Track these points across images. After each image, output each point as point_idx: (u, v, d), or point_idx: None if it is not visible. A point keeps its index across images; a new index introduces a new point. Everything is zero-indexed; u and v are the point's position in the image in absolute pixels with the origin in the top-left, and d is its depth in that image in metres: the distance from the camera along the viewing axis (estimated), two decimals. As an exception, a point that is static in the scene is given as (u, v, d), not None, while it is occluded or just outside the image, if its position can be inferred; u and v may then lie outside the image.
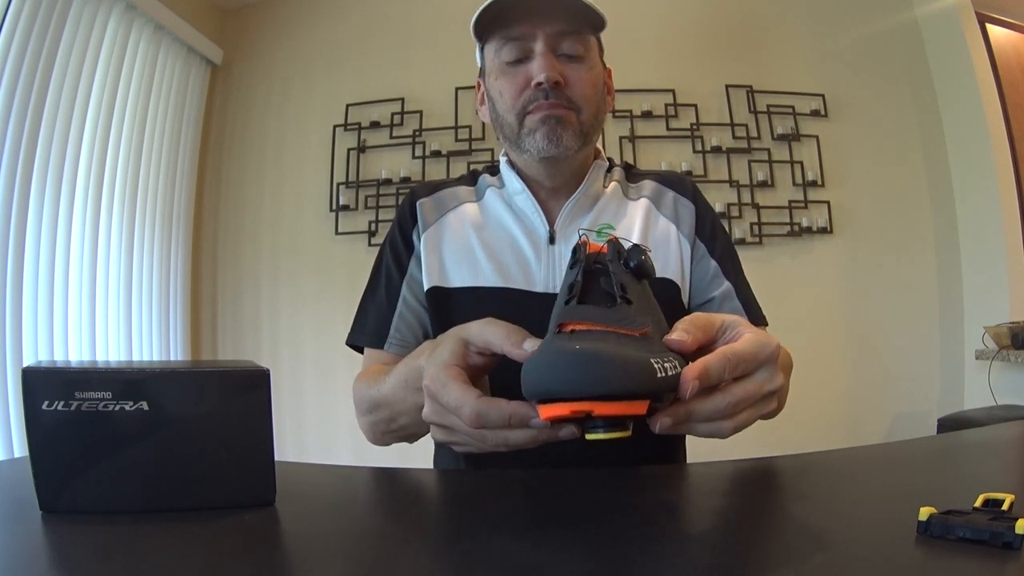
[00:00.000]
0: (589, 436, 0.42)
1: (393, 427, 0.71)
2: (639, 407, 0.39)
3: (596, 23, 0.79)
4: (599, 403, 0.38)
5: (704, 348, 0.47)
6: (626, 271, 0.49)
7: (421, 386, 0.58)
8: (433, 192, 0.89)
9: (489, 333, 0.50)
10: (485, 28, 0.80)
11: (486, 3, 0.76)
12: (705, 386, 0.43)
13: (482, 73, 0.86)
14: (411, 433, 0.73)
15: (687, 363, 0.44)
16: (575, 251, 0.51)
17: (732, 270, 0.86)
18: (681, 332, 0.46)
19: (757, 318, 0.86)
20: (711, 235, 0.87)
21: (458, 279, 0.82)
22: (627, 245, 0.52)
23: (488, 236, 0.84)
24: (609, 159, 0.92)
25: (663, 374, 0.40)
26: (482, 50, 0.84)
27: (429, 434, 0.62)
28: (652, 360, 0.40)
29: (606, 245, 0.51)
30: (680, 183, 0.90)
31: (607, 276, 0.48)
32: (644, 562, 0.39)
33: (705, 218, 0.87)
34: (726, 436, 0.46)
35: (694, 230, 0.86)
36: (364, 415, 0.76)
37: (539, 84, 0.76)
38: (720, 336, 0.48)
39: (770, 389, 0.47)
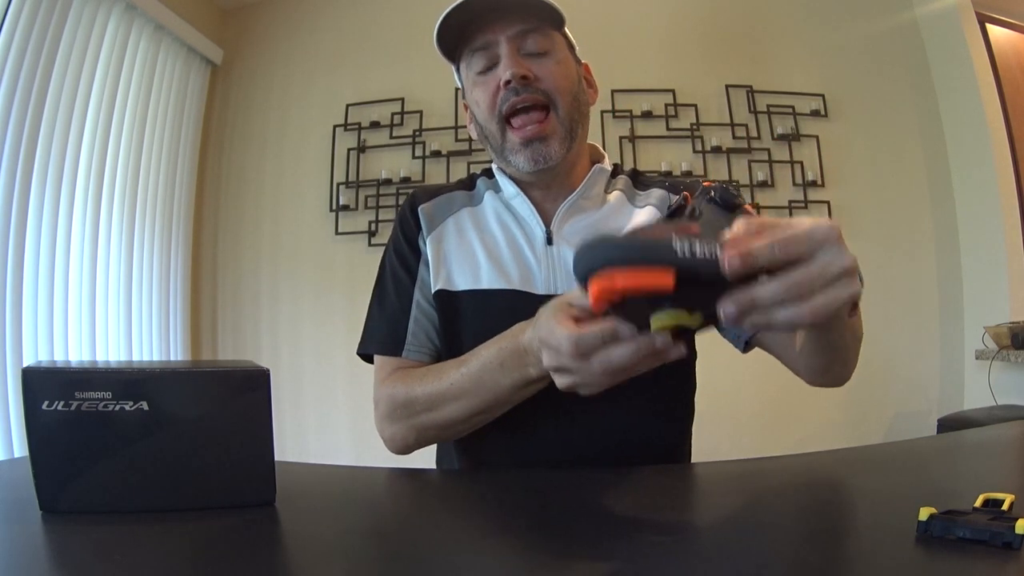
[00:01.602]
0: (653, 324, 0.44)
1: (470, 413, 0.72)
2: (663, 277, 0.40)
3: (555, 18, 0.80)
4: (620, 272, 0.41)
5: None
6: (710, 203, 0.51)
7: (523, 362, 0.64)
8: (432, 197, 0.89)
9: (583, 298, 0.53)
10: (451, 47, 0.82)
11: (441, 18, 0.78)
12: (748, 264, 0.40)
13: (464, 92, 0.87)
14: (486, 418, 0.73)
15: None
16: (668, 207, 0.55)
17: None
18: (736, 226, 0.43)
19: None
20: None
21: (462, 282, 0.82)
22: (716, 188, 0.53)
23: (488, 239, 0.84)
24: (616, 165, 0.92)
25: (685, 250, 0.40)
26: (458, 70, 0.86)
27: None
28: (674, 238, 0.41)
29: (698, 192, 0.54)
30: (689, 191, 0.89)
31: (682, 214, 0.52)
32: (645, 562, 0.39)
33: None
34: (807, 324, 0.43)
35: None
36: (408, 418, 0.76)
37: (507, 83, 0.77)
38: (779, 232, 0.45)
39: (841, 267, 0.43)
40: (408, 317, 0.83)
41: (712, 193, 0.52)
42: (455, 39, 0.81)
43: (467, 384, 0.70)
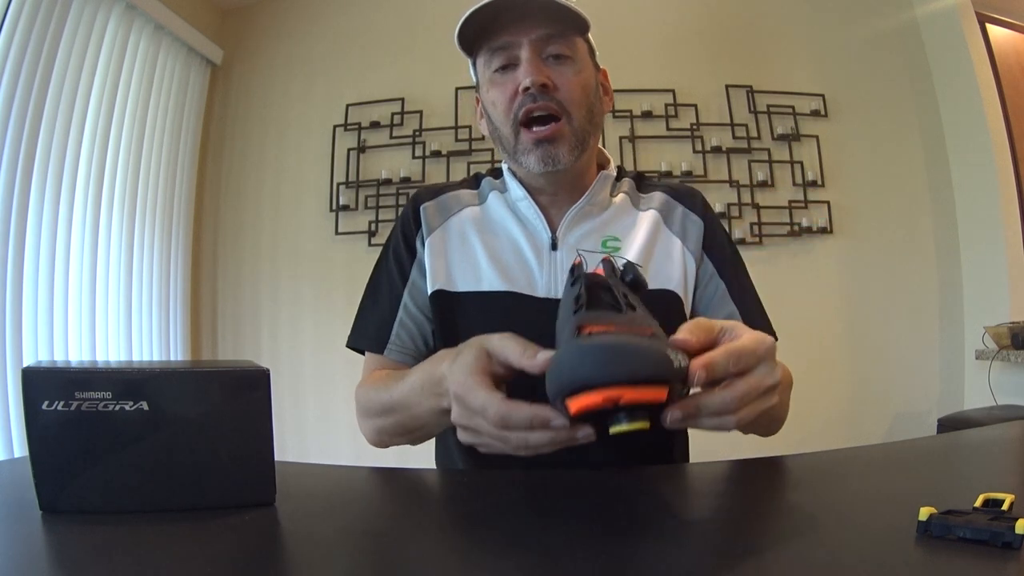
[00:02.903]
0: (613, 429, 0.44)
1: (404, 429, 0.72)
2: (661, 392, 0.42)
3: (580, 25, 0.79)
4: (627, 388, 0.41)
5: (706, 349, 0.49)
6: (624, 284, 0.53)
7: (438, 391, 0.61)
8: (436, 196, 0.89)
9: (508, 348, 0.53)
10: (472, 42, 0.81)
11: (466, 16, 0.77)
12: (712, 377, 0.46)
13: (477, 87, 0.87)
14: (420, 436, 0.74)
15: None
16: (572, 270, 0.56)
17: (739, 288, 0.86)
18: (686, 333, 0.49)
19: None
20: (720, 253, 0.87)
21: (462, 283, 0.82)
22: (620, 263, 0.57)
23: (491, 240, 0.84)
24: (620, 168, 0.92)
25: (677, 364, 0.44)
26: (474, 64, 0.85)
27: (433, 438, 0.61)
28: (667, 350, 0.43)
29: (600, 266, 0.56)
30: (691, 197, 0.90)
31: (607, 290, 0.52)
32: (645, 562, 0.39)
33: (715, 234, 0.87)
34: (730, 429, 0.49)
35: (701, 245, 0.86)
36: (371, 419, 0.77)
37: (526, 89, 0.77)
38: (721, 337, 0.51)
39: (770, 383, 0.49)
40: (394, 318, 0.84)
41: (626, 276, 0.55)
42: (476, 34, 0.80)
43: (400, 400, 0.70)
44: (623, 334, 0.44)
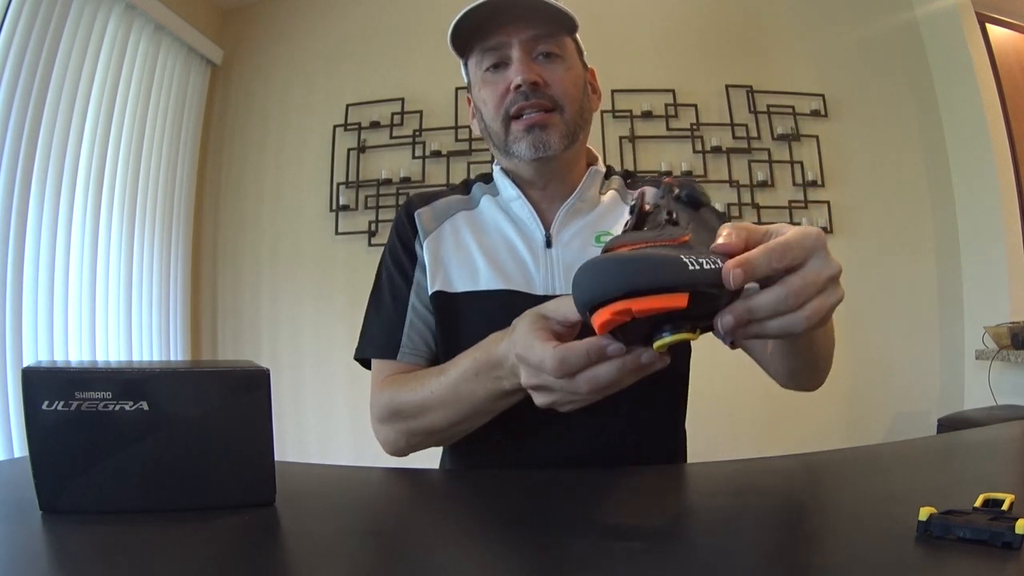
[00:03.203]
0: (656, 344, 0.43)
1: (444, 424, 0.72)
2: (678, 299, 0.40)
3: (569, 25, 0.81)
4: (636, 299, 0.40)
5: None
6: (677, 203, 0.51)
7: (497, 373, 0.62)
8: (429, 202, 0.90)
9: (563, 306, 0.55)
10: (463, 43, 0.83)
11: (457, 17, 0.79)
12: (752, 275, 0.42)
13: (469, 87, 0.88)
14: (461, 431, 0.74)
15: None
16: (631, 207, 0.55)
17: None
18: (726, 235, 0.45)
19: None
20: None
21: (460, 284, 0.83)
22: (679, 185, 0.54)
23: (486, 241, 0.85)
24: (609, 166, 0.93)
25: (695, 267, 0.41)
26: (466, 65, 0.87)
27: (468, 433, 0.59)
28: (681, 256, 0.41)
29: (661, 190, 0.54)
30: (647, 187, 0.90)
31: (657, 213, 0.51)
32: (645, 562, 0.39)
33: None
34: (801, 331, 0.45)
35: None
36: (398, 422, 0.77)
37: (518, 87, 0.79)
38: (765, 238, 0.47)
39: (830, 274, 0.45)
40: (404, 321, 0.84)
41: (679, 191, 0.52)
42: (468, 35, 0.82)
43: (445, 393, 0.70)
44: (636, 248, 0.43)
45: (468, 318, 0.81)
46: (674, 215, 0.49)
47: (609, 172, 0.92)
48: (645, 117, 2.86)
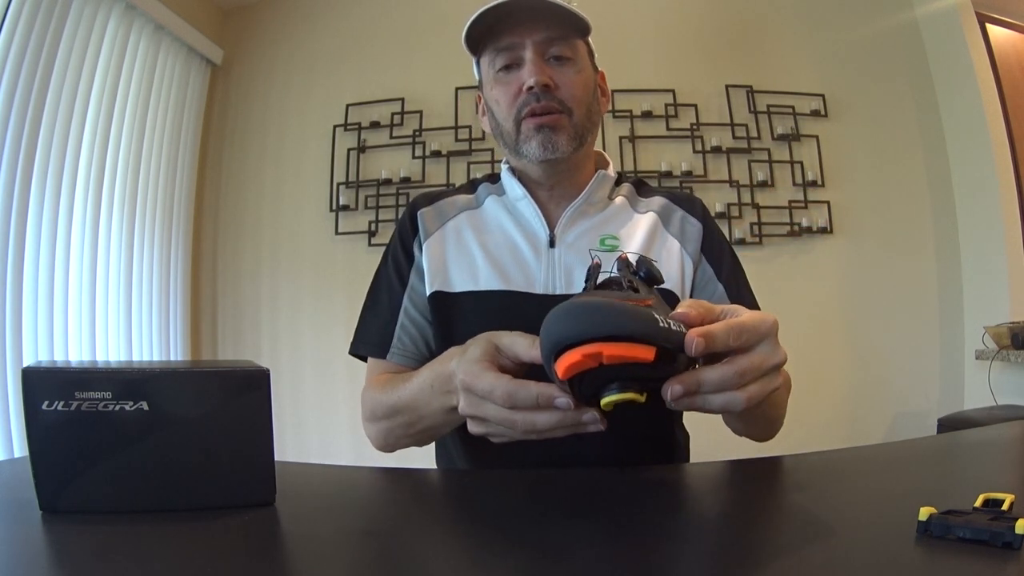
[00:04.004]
0: (604, 400, 0.43)
1: (413, 430, 0.73)
2: (646, 351, 0.41)
3: (581, 28, 0.82)
4: (607, 344, 0.40)
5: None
6: (636, 278, 0.53)
7: (447, 389, 0.62)
8: (433, 202, 0.90)
9: (517, 343, 0.54)
10: (477, 42, 0.84)
11: (473, 17, 0.79)
12: (711, 347, 0.44)
13: (480, 85, 0.89)
14: (428, 436, 0.75)
15: None
16: (589, 271, 0.56)
17: (737, 292, 0.86)
18: (686, 306, 0.48)
19: None
20: (719, 256, 0.87)
21: (460, 283, 0.83)
22: (634, 259, 0.55)
23: (488, 241, 0.85)
24: (620, 173, 0.93)
25: (664, 325, 0.42)
26: (478, 63, 0.88)
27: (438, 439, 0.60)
28: (654, 312, 0.42)
29: (615, 263, 0.55)
30: (690, 202, 0.91)
31: (618, 284, 0.52)
32: (645, 562, 0.39)
33: (713, 238, 0.88)
34: (739, 408, 0.47)
35: (700, 248, 0.87)
36: (378, 421, 0.77)
37: (530, 88, 0.79)
38: (721, 316, 0.50)
39: (775, 362, 0.48)
40: (396, 322, 0.85)
41: (639, 271, 0.54)
42: (482, 35, 0.82)
43: (408, 400, 0.70)
44: (606, 295, 0.43)
45: (467, 318, 0.81)
46: (634, 283, 0.51)
47: (620, 179, 0.92)
48: (645, 117, 2.86)
